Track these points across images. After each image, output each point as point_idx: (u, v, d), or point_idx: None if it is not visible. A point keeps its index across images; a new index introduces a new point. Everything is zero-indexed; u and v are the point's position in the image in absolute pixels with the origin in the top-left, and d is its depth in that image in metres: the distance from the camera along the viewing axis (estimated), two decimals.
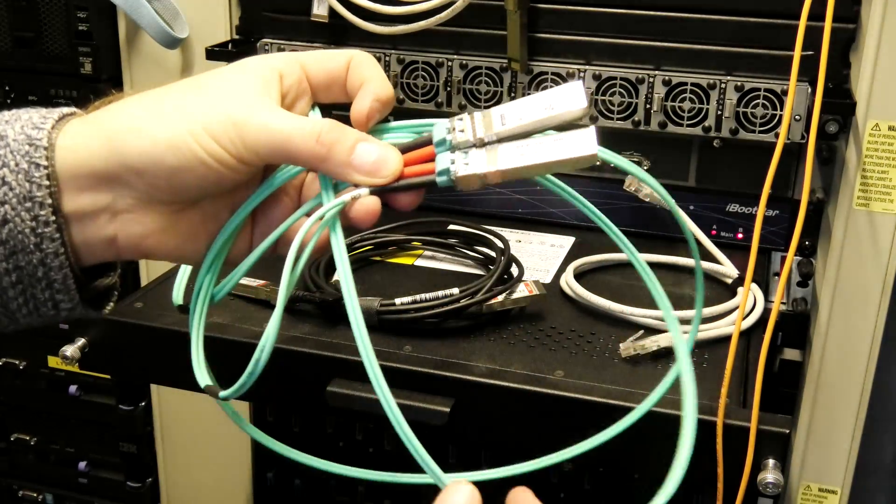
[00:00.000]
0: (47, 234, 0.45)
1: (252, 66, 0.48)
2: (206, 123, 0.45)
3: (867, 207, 0.79)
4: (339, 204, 0.46)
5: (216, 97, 0.46)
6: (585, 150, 0.43)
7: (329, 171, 0.46)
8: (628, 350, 0.73)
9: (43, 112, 0.48)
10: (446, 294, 0.76)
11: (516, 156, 0.44)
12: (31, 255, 0.45)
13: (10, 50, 1.04)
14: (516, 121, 0.44)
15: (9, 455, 1.25)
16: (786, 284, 0.88)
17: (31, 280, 0.46)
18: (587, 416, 0.66)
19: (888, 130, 0.78)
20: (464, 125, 0.45)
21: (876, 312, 0.81)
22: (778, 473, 0.65)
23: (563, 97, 0.44)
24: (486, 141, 0.45)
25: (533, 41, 0.88)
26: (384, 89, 0.48)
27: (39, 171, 0.45)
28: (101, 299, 0.51)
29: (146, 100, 0.47)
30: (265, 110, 0.45)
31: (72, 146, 0.46)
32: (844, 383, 0.84)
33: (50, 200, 0.45)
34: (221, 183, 0.46)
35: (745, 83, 0.83)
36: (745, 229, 0.91)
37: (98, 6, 0.99)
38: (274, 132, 0.45)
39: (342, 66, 0.49)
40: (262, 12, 0.96)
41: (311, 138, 0.45)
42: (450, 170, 0.45)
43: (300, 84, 0.48)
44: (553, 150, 0.43)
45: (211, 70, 0.48)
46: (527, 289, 0.79)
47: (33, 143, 0.46)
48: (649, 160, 0.91)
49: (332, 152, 0.45)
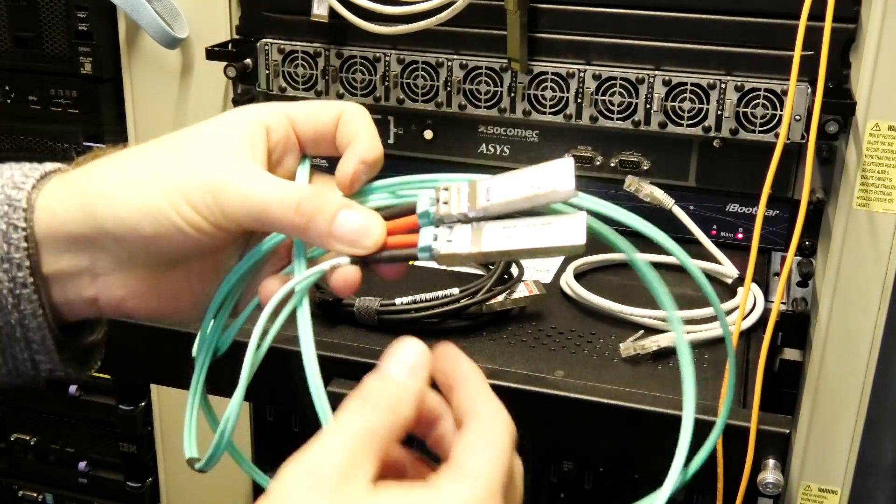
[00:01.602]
0: (25, 295, 0.45)
1: (237, 122, 0.46)
2: (183, 190, 0.43)
3: (867, 207, 0.79)
4: (317, 273, 0.44)
5: (194, 160, 0.44)
6: (573, 240, 0.41)
7: (310, 241, 0.45)
8: (628, 350, 0.73)
9: (25, 170, 0.47)
10: (446, 294, 0.76)
11: (501, 238, 0.42)
12: (9, 316, 0.45)
13: (10, 50, 1.04)
14: (501, 197, 0.42)
15: (9, 455, 1.25)
16: (786, 284, 0.88)
17: (10, 340, 0.46)
18: (587, 416, 0.66)
19: (888, 130, 0.78)
20: (448, 196, 0.44)
21: (876, 312, 0.81)
22: (778, 473, 0.65)
23: (552, 176, 0.42)
24: (470, 217, 0.43)
25: (533, 41, 0.88)
26: (371, 151, 0.46)
27: (17, 233, 0.44)
28: (86, 357, 0.50)
29: (126, 161, 0.46)
30: (244, 176, 0.44)
31: (50, 208, 0.45)
32: (844, 383, 0.84)
33: (28, 262, 0.44)
34: (200, 249, 0.45)
35: (745, 83, 0.83)
36: (745, 229, 0.91)
37: (98, 6, 0.99)
38: (252, 201, 0.43)
39: (331, 121, 0.47)
40: (262, 12, 0.96)
41: (289, 208, 0.43)
42: (432, 247, 0.43)
43: (288, 139, 0.47)
44: (539, 237, 0.41)
45: (196, 124, 0.46)
46: (527, 289, 0.79)
47: (12, 204, 0.45)
48: (649, 160, 0.91)
49: (312, 222, 0.43)
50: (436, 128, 0.96)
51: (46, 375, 0.48)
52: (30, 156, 1.07)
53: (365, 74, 0.93)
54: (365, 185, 0.46)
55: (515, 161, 0.95)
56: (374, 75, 0.93)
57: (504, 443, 0.38)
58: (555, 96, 0.88)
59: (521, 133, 0.94)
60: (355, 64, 0.93)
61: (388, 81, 0.92)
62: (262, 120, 0.46)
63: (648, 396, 0.66)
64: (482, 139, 0.95)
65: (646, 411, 0.65)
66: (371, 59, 0.92)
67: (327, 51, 0.93)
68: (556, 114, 0.89)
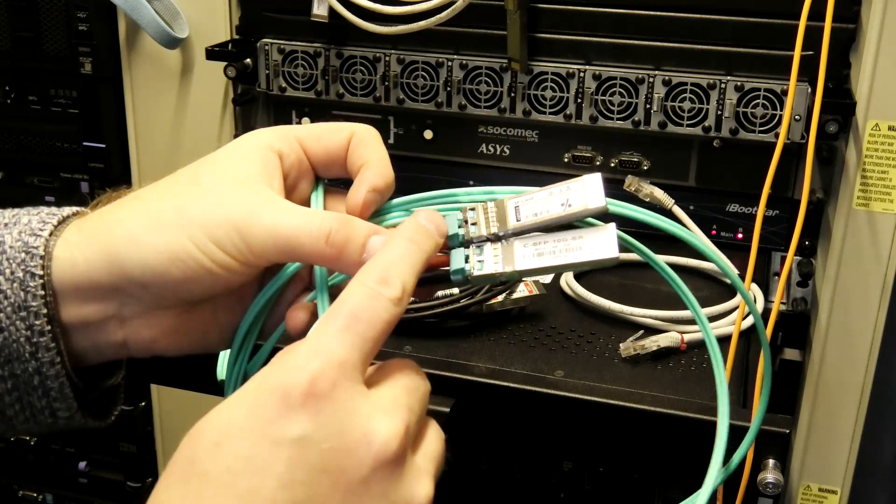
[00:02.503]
0: (42, 344, 0.44)
1: (250, 149, 0.46)
2: (208, 230, 0.43)
3: (867, 207, 0.79)
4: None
5: (215, 197, 0.44)
6: (605, 253, 0.41)
7: (341, 270, 0.45)
8: (628, 350, 0.73)
9: (43, 215, 0.46)
10: (446, 294, 0.76)
11: (533, 255, 0.42)
12: (27, 364, 0.44)
13: (10, 50, 1.04)
14: (531, 216, 0.43)
15: (9, 455, 1.25)
16: (786, 284, 0.88)
17: (27, 388, 0.45)
18: (587, 416, 0.66)
19: (888, 130, 0.78)
20: (476, 217, 0.44)
21: (876, 312, 0.81)
22: (778, 473, 0.65)
23: (581, 193, 0.42)
24: (500, 236, 0.43)
25: (533, 41, 0.88)
26: (382, 177, 0.46)
27: (35, 281, 0.44)
28: (104, 403, 0.50)
29: (146, 203, 0.45)
30: (268, 209, 0.43)
31: (70, 258, 0.44)
32: (844, 383, 0.84)
33: (45, 310, 0.44)
34: (229, 286, 0.45)
35: (745, 83, 0.83)
36: (745, 229, 0.91)
37: (98, 6, 0.99)
38: (279, 235, 0.43)
39: (342, 145, 0.47)
40: (262, 12, 0.96)
41: (320, 240, 0.43)
42: (465, 269, 0.43)
43: (300, 163, 0.47)
44: (572, 253, 0.42)
45: (209, 155, 0.46)
46: (527, 289, 0.79)
47: (29, 252, 0.44)
48: (649, 160, 0.91)
49: (343, 253, 0.43)
50: (436, 128, 0.96)
51: (64, 424, 0.47)
52: (30, 156, 1.08)
53: (365, 74, 0.93)
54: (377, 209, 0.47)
55: (515, 161, 0.95)
56: (374, 75, 0.93)
57: (339, 315, 0.39)
58: (555, 96, 0.88)
59: (521, 133, 0.94)
60: (355, 64, 0.93)
61: (388, 81, 0.92)
62: (274, 146, 0.46)
63: (648, 396, 0.66)
64: (482, 139, 0.95)
65: (646, 411, 0.65)
66: (371, 59, 0.92)
67: (327, 51, 0.93)
68: (556, 114, 0.89)
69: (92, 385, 0.49)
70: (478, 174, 0.96)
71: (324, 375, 0.37)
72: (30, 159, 1.09)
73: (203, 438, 0.37)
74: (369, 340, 0.39)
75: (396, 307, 0.40)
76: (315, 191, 0.48)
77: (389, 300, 0.40)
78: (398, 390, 0.40)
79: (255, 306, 0.47)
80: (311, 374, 0.37)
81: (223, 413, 0.37)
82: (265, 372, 0.38)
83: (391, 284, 0.40)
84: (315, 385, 0.36)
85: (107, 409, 0.50)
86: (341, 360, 0.37)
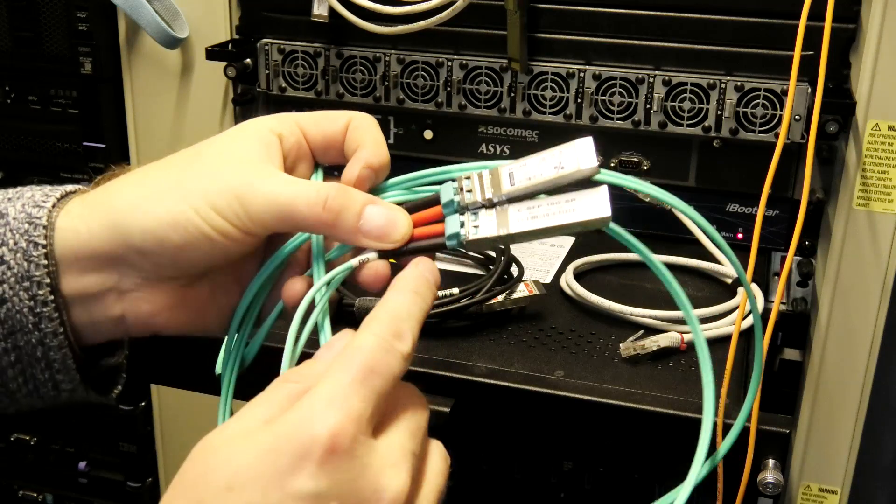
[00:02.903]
0: (45, 314, 0.45)
1: (251, 131, 0.47)
2: (209, 197, 0.43)
3: (867, 207, 0.79)
4: (346, 269, 0.45)
5: (216, 169, 0.45)
6: (598, 212, 0.42)
7: (337, 237, 0.45)
8: (628, 350, 0.73)
9: (46, 190, 0.47)
10: (446, 294, 0.76)
11: (527, 219, 0.43)
12: (30, 335, 0.45)
13: (10, 50, 1.04)
14: (525, 181, 0.43)
15: (9, 455, 1.25)
16: (786, 284, 0.88)
17: (31, 360, 0.45)
18: (587, 417, 0.66)
19: (888, 130, 0.78)
20: (471, 185, 0.44)
21: (876, 312, 0.81)
22: (778, 473, 0.65)
23: (574, 155, 0.42)
24: (494, 201, 0.44)
25: (533, 41, 0.88)
26: (377, 156, 0.47)
27: (38, 251, 0.44)
28: (106, 381, 0.50)
29: (146, 176, 0.46)
30: (267, 178, 0.44)
31: (73, 228, 0.45)
32: (844, 383, 0.84)
33: (48, 280, 0.44)
34: (228, 256, 0.45)
35: (745, 83, 0.83)
36: (745, 229, 0.91)
37: (98, 6, 0.99)
38: (278, 201, 0.43)
39: (340, 129, 0.48)
40: (262, 12, 0.96)
41: (317, 205, 0.44)
42: (460, 233, 0.44)
43: (300, 146, 0.48)
44: (565, 214, 0.42)
45: (210, 137, 0.47)
46: (527, 289, 0.79)
47: (32, 222, 0.45)
48: (649, 160, 0.91)
49: (339, 219, 0.44)
50: (436, 128, 0.96)
51: (67, 398, 0.48)
52: (30, 156, 1.08)
53: (365, 74, 0.93)
54: (371, 189, 0.47)
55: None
56: (374, 75, 0.93)
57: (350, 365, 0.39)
58: (555, 96, 0.88)
59: (521, 133, 0.94)
60: (355, 64, 0.93)
61: (388, 81, 0.92)
62: (274, 128, 0.47)
63: (648, 396, 0.66)
64: (482, 139, 0.95)
65: (645, 411, 0.65)
66: (371, 59, 0.92)
67: (327, 51, 0.93)
68: (556, 114, 0.89)
69: (93, 362, 0.49)
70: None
71: (344, 431, 0.36)
72: (30, 159, 1.09)
73: (213, 479, 0.36)
74: (382, 395, 0.39)
75: (406, 362, 0.40)
76: (315, 173, 0.49)
77: (402, 355, 0.40)
78: (404, 436, 0.40)
79: (253, 286, 0.48)
80: (332, 430, 0.36)
81: (236, 455, 0.36)
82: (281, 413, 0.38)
83: (404, 339, 0.40)
84: (336, 442, 0.36)
85: (108, 386, 0.51)
86: (359, 414, 0.37)
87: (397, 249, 0.45)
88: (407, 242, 0.45)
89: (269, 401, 0.39)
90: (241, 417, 0.38)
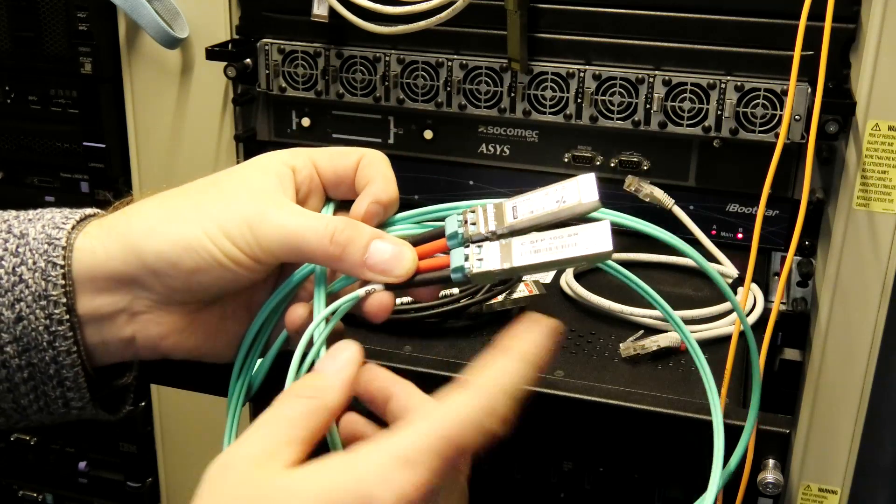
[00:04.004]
0: (60, 333, 0.46)
1: (265, 164, 0.48)
2: (222, 224, 0.45)
3: (867, 207, 0.79)
4: (352, 299, 0.46)
5: (231, 197, 0.46)
6: (600, 247, 0.42)
7: (343, 270, 0.46)
8: (628, 350, 0.73)
9: (66, 212, 0.48)
10: (446, 294, 0.76)
11: (530, 252, 0.44)
12: (44, 353, 0.46)
13: (10, 50, 1.04)
14: (527, 213, 0.44)
15: (9, 455, 1.25)
16: (786, 284, 0.88)
17: (43, 377, 0.46)
18: (587, 417, 0.66)
19: (888, 130, 0.78)
20: (476, 217, 0.45)
21: (876, 312, 0.81)
22: (778, 473, 0.65)
23: (576, 190, 0.43)
24: (498, 234, 0.45)
25: (533, 41, 0.88)
26: (386, 192, 0.48)
27: (56, 271, 0.45)
28: (115, 401, 0.51)
29: (164, 201, 0.48)
30: (279, 209, 0.46)
31: (90, 248, 0.46)
32: (844, 383, 0.84)
33: (64, 300, 0.46)
34: (238, 282, 0.46)
35: (745, 83, 0.83)
36: (745, 229, 0.91)
37: (98, 6, 0.99)
38: (287, 231, 0.45)
39: (351, 166, 0.49)
40: (262, 12, 0.96)
41: (325, 238, 0.45)
42: (464, 267, 0.45)
43: (311, 180, 0.49)
44: (568, 248, 0.43)
45: (229, 168, 0.49)
46: (527, 289, 0.79)
47: (52, 243, 0.46)
48: (649, 160, 0.91)
49: (346, 252, 0.45)
50: (436, 128, 0.96)
51: (77, 415, 0.49)
52: (30, 156, 1.08)
53: (365, 74, 0.93)
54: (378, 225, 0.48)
55: (515, 161, 0.95)
56: (374, 75, 0.93)
57: (436, 429, 0.38)
58: (555, 96, 0.88)
59: (521, 133, 0.94)
60: (355, 64, 0.93)
61: (388, 81, 0.92)
62: (288, 161, 0.48)
63: (648, 396, 0.66)
64: (482, 139, 0.95)
65: (646, 411, 0.65)
66: (371, 59, 0.92)
67: (327, 51, 0.93)
68: (556, 114, 0.89)
69: (103, 382, 0.50)
70: (478, 174, 0.96)
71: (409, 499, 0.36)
72: (30, 159, 1.09)
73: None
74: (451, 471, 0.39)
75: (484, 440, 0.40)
76: (325, 207, 0.50)
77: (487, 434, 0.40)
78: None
79: (261, 313, 0.49)
80: (398, 496, 0.36)
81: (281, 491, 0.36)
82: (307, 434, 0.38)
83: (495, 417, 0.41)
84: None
85: (117, 406, 0.52)
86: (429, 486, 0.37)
87: (403, 282, 0.46)
88: (412, 276, 0.46)
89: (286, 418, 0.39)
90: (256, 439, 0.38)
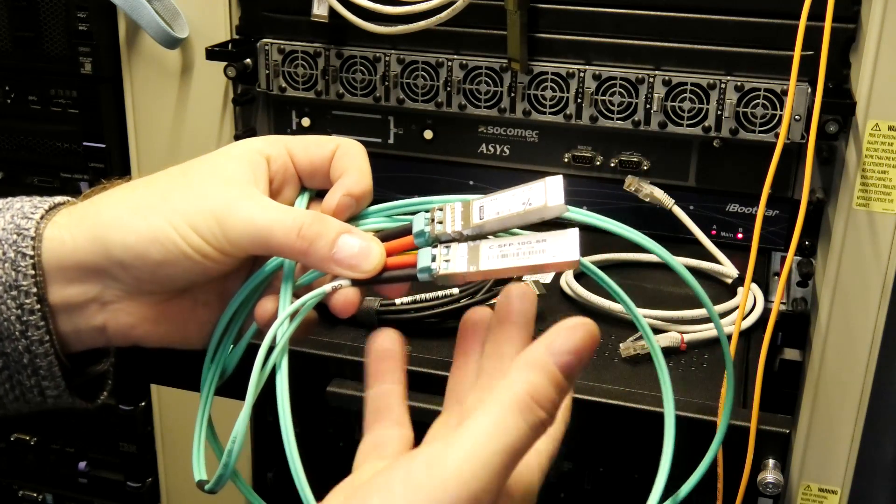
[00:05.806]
0: (32, 322, 0.46)
1: (239, 152, 0.47)
2: (188, 216, 0.44)
3: (867, 207, 0.79)
4: (319, 295, 0.45)
5: (200, 188, 0.46)
6: (566, 256, 0.42)
7: (311, 265, 0.46)
8: (628, 350, 0.73)
9: (35, 201, 0.48)
10: (446, 294, 0.76)
11: (497, 257, 0.43)
12: (17, 343, 0.46)
13: (10, 50, 1.04)
14: (493, 214, 0.44)
15: (9, 455, 1.25)
16: (786, 284, 0.88)
17: (18, 367, 0.46)
18: (587, 416, 0.66)
19: (888, 130, 0.78)
20: (443, 216, 0.45)
21: (876, 312, 0.81)
22: (778, 473, 0.65)
23: (542, 193, 0.43)
24: (464, 234, 0.44)
25: (533, 41, 0.88)
26: (359, 184, 0.47)
27: (25, 261, 0.45)
28: (92, 388, 0.51)
29: (133, 191, 0.47)
30: (247, 201, 0.45)
31: (59, 238, 0.46)
32: (844, 383, 0.84)
33: (35, 289, 0.45)
34: (207, 274, 0.46)
35: (745, 83, 0.83)
36: (745, 229, 0.91)
37: (98, 6, 0.99)
38: (254, 226, 0.44)
39: (327, 156, 0.49)
40: (262, 12, 0.96)
41: (292, 233, 0.44)
42: (431, 268, 0.44)
43: (286, 169, 0.48)
44: (535, 255, 0.42)
45: (201, 156, 0.48)
46: None
47: (21, 233, 0.46)
48: (649, 160, 0.91)
49: (313, 247, 0.45)
50: (436, 128, 0.96)
51: (53, 403, 0.48)
52: (30, 156, 1.08)
53: (365, 74, 0.93)
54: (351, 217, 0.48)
55: (515, 161, 0.95)
56: (374, 75, 0.93)
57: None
58: (555, 96, 0.88)
59: (521, 133, 0.94)
60: (355, 64, 0.93)
61: (388, 81, 0.92)
62: (263, 150, 0.48)
63: (648, 396, 0.66)
64: (482, 139, 0.95)
65: (646, 411, 0.65)
66: (371, 59, 0.92)
67: (327, 51, 0.93)
68: (556, 114, 0.89)
69: (79, 369, 0.50)
70: (478, 174, 0.96)
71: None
72: (30, 159, 1.09)
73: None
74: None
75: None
76: (300, 196, 0.49)
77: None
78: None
79: (232, 304, 0.48)
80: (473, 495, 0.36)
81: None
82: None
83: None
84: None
85: (94, 393, 0.52)
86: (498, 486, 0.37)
87: (370, 279, 0.45)
88: (380, 272, 0.45)
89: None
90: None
